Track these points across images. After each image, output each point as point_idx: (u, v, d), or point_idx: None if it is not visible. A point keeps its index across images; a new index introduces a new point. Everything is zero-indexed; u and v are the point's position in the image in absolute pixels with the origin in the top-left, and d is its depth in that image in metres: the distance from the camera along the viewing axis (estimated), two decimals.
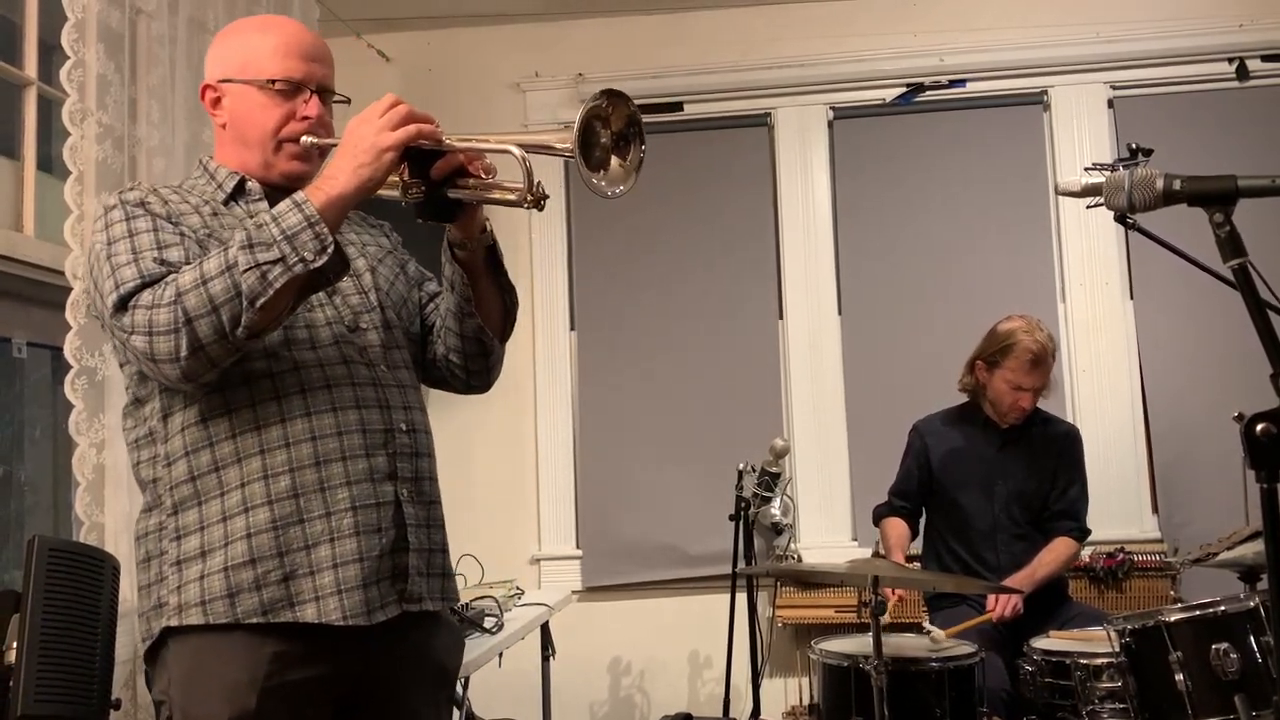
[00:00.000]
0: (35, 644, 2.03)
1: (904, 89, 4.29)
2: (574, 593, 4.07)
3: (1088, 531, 3.31)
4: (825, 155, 4.32)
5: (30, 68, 2.77)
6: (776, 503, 3.90)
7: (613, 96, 1.51)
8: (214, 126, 1.75)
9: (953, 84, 4.27)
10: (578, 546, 4.27)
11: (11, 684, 1.99)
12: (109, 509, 2.66)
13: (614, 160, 1.54)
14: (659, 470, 4.20)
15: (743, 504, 3.64)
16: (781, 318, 4.28)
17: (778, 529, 3.99)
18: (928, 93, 4.28)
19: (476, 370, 1.83)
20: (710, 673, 4.17)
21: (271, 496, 1.55)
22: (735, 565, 3.63)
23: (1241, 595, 2.47)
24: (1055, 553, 3.20)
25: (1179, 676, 2.37)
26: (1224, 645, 2.34)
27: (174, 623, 1.55)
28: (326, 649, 1.56)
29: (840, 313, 4.26)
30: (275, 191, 1.68)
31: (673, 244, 4.28)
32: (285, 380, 1.59)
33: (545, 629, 3.53)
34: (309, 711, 1.57)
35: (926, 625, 2.97)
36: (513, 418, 4.21)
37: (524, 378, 4.23)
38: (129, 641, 2.58)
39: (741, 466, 3.68)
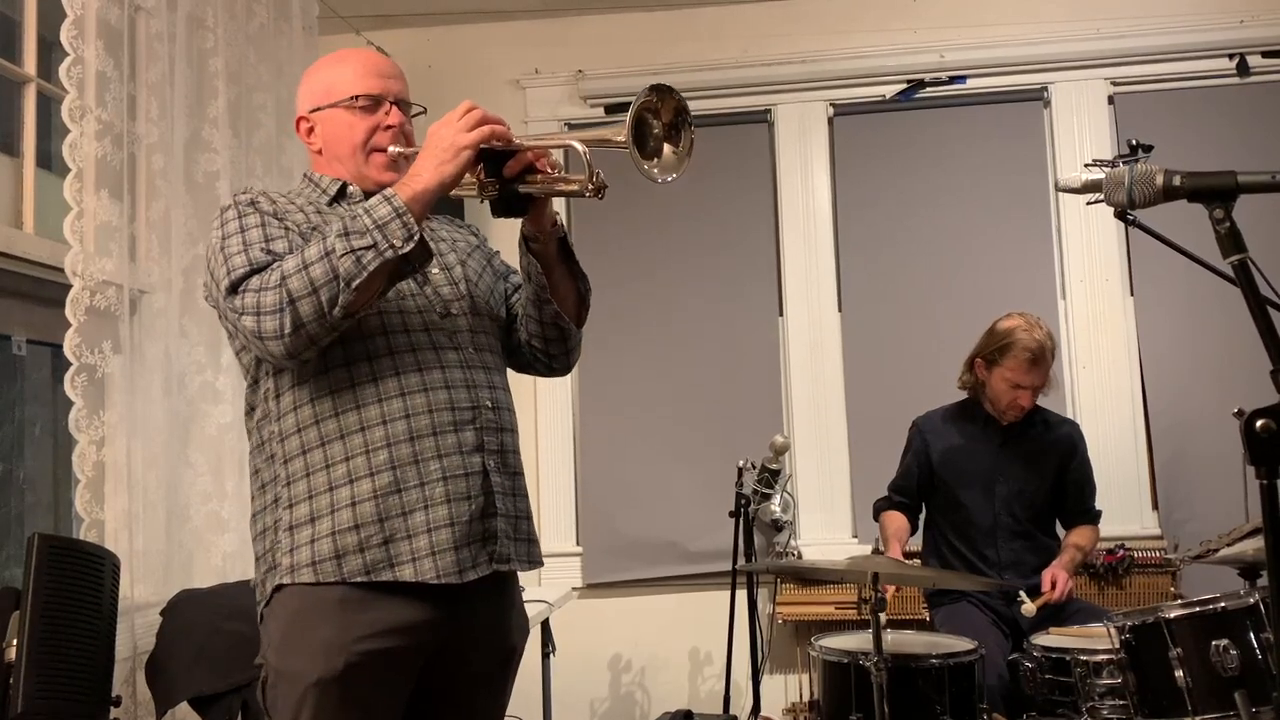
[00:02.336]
0: (35, 641, 2.03)
1: (904, 85, 4.29)
2: (574, 589, 4.07)
3: (1100, 513, 3.37)
4: (825, 152, 4.32)
5: (30, 65, 2.77)
6: (777, 499, 3.90)
7: (660, 91, 1.64)
8: (309, 153, 1.92)
9: (953, 80, 4.27)
10: (578, 543, 4.28)
11: (12, 681, 1.99)
12: (109, 506, 2.67)
13: (666, 148, 1.67)
14: (659, 467, 4.20)
15: (743, 501, 3.64)
16: (781, 314, 4.28)
17: (778, 526, 3.99)
18: (928, 89, 4.28)
19: (557, 354, 1.98)
20: (711, 669, 4.18)
21: (372, 469, 1.70)
22: (735, 562, 3.64)
23: (1241, 592, 2.47)
24: (1085, 536, 3.31)
25: (1179, 673, 2.37)
26: (1224, 642, 2.34)
27: (286, 580, 1.69)
28: (414, 619, 1.69)
29: (840, 309, 4.26)
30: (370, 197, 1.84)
31: (673, 240, 4.28)
32: (381, 364, 1.74)
33: (545, 626, 3.53)
34: (390, 677, 1.69)
35: (1019, 597, 3.04)
36: None
37: (524, 375, 4.21)
38: (129, 639, 2.59)
39: (742, 463, 3.68)
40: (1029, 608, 2.97)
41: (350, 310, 1.62)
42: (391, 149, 1.83)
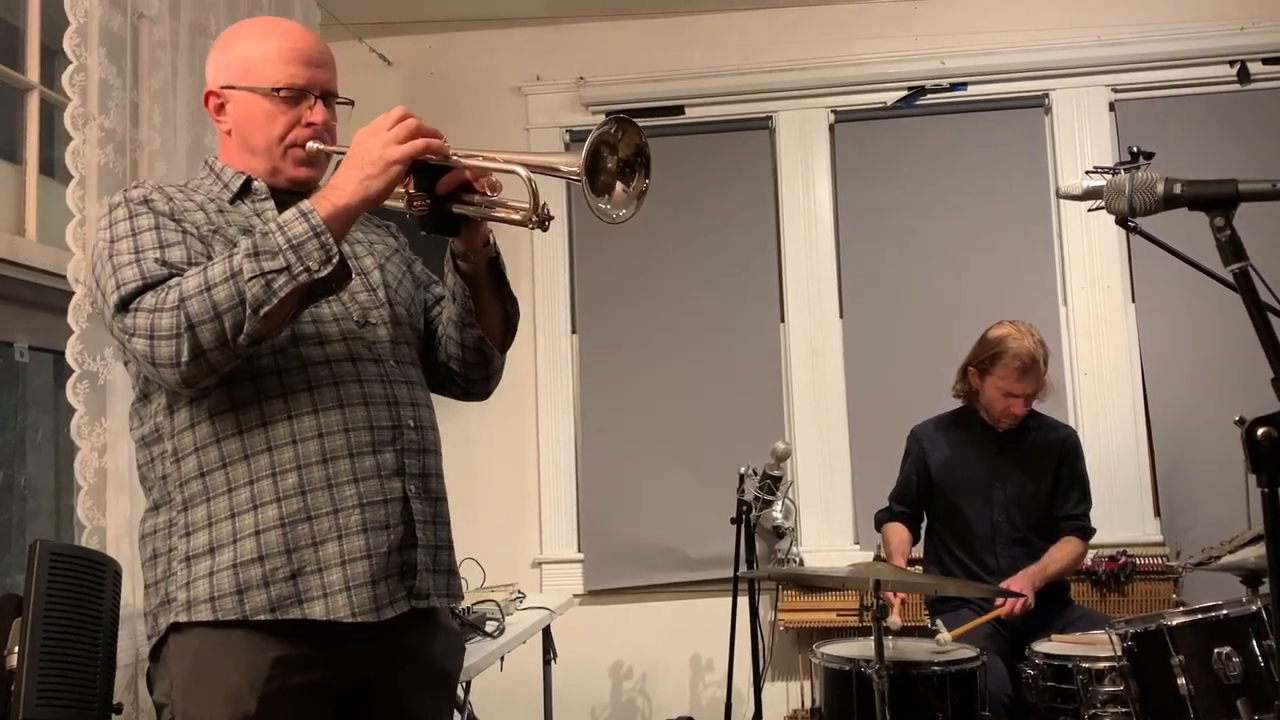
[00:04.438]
0: (37, 648, 2.03)
1: (905, 92, 4.29)
2: (575, 596, 4.06)
3: (1093, 531, 3.32)
4: (826, 159, 4.32)
5: (33, 72, 2.78)
6: (778, 506, 3.90)
7: (623, 124, 1.51)
8: (218, 131, 1.74)
9: (954, 87, 4.27)
10: (579, 550, 4.27)
11: (13, 688, 1.99)
12: (111, 513, 2.66)
13: (618, 186, 1.53)
14: (660, 473, 4.20)
15: (744, 507, 3.63)
16: (783, 321, 4.28)
17: (779, 532, 3.99)
18: (929, 96, 4.28)
19: (476, 379, 1.84)
20: (712, 676, 4.17)
21: (279, 494, 1.54)
22: (737, 568, 3.63)
23: (1243, 599, 2.47)
24: (1064, 550, 3.23)
25: (1181, 680, 2.37)
26: (1226, 649, 2.34)
27: (182, 619, 1.53)
28: (329, 652, 1.55)
29: (841, 316, 4.26)
30: (281, 194, 1.69)
31: (674, 247, 4.28)
32: (292, 377, 1.58)
33: (547, 633, 3.52)
34: (309, 716, 1.56)
35: (935, 624, 2.96)
36: (514, 421, 4.21)
37: (525, 381, 4.23)
38: (131, 646, 2.58)
39: (743, 470, 3.68)
40: (944, 637, 2.84)
41: (257, 338, 1.46)
42: (311, 145, 1.66)
